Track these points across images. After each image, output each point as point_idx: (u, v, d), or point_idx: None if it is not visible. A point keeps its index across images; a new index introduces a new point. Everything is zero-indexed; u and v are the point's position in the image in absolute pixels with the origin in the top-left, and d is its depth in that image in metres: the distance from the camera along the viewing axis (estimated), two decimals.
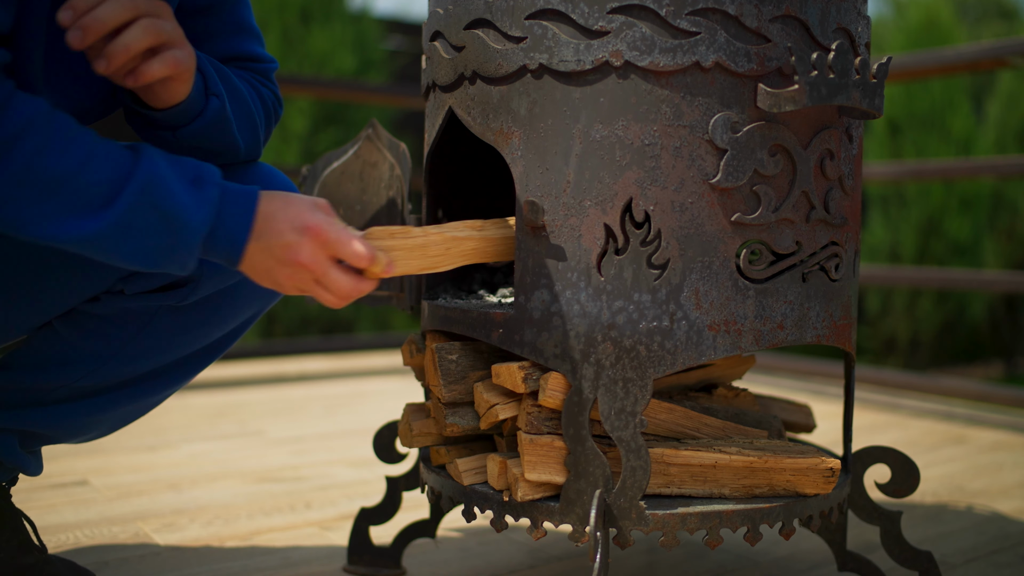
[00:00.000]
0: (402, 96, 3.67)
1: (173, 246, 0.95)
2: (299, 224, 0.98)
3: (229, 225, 0.97)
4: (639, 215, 1.05)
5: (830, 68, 1.03)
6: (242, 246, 0.97)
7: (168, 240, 0.94)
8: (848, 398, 1.29)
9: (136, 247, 0.94)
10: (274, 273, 0.99)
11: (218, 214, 0.96)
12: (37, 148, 0.89)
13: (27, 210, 0.90)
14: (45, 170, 0.89)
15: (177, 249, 0.95)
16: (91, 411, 1.20)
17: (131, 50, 0.93)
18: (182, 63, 0.98)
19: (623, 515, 1.07)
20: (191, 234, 0.95)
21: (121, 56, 0.93)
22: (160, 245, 0.95)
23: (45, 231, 0.91)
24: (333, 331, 5.33)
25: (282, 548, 1.51)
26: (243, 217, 0.98)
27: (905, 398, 3.03)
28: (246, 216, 0.98)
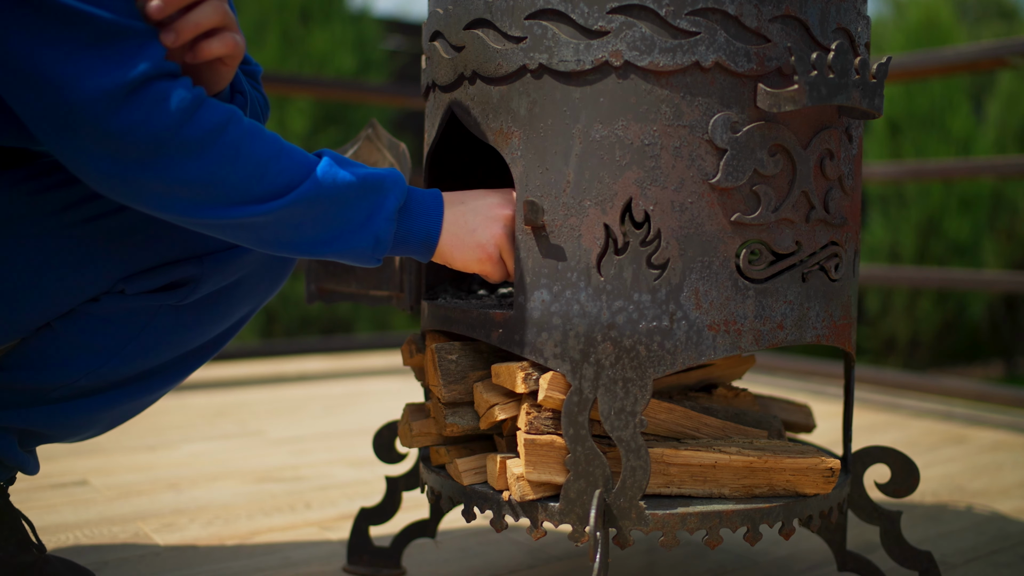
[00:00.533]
0: (402, 96, 3.67)
1: (369, 213, 1.03)
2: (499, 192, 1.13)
3: (421, 197, 1.07)
4: (639, 215, 1.05)
5: (830, 68, 1.03)
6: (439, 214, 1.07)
7: (364, 207, 1.02)
8: (848, 398, 1.29)
9: (332, 218, 1.01)
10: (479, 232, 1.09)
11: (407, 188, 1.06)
12: (242, 135, 0.98)
13: (232, 192, 0.98)
14: (250, 155, 0.98)
15: (373, 216, 1.03)
16: (91, 409, 1.20)
17: (201, 27, 0.99)
18: (238, 45, 1.04)
19: (623, 515, 1.07)
20: (386, 196, 1.03)
21: (191, 31, 0.99)
22: (356, 214, 1.02)
23: (245, 211, 0.98)
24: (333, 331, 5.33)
25: (282, 548, 1.51)
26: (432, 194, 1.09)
27: (905, 398, 3.03)
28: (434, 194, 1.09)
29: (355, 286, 1.37)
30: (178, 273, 1.15)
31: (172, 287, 1.16)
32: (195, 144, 0.95)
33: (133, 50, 0.92)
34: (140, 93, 0.92)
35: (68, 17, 0.90)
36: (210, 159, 0.96)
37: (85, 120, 0.91)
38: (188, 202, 0.97)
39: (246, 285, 1.22)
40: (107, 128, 0.92)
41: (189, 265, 1.15)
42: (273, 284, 1.26)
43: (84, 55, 0.90)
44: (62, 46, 0.90)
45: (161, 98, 0.93)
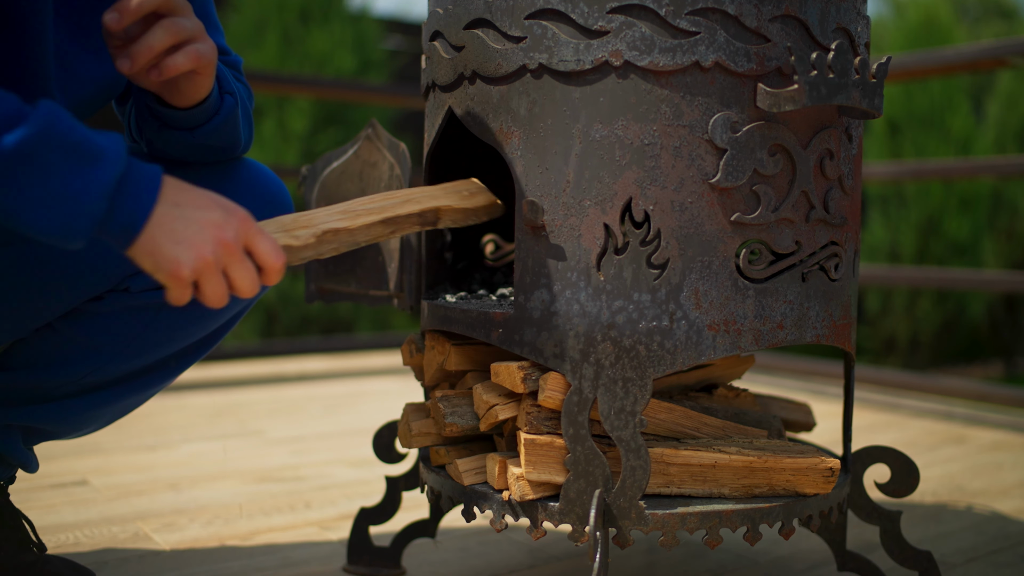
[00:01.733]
0: (402, 96, 3.67)
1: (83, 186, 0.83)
2: (227, 205, 0.92)
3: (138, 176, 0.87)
4: (639, 215, 1.05)
5: (830, 68, 1.03)
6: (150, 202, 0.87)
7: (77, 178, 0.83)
8: (848, 398, 1.29)
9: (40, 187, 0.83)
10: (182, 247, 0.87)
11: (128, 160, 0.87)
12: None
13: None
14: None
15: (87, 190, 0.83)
16: (94, 405, 1.21)
17: (154, 50, 0.97)
18: (204, 56, 1.01)
19: (623, 515, 1.07)
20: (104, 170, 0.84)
21: (145, 55, 0.96)
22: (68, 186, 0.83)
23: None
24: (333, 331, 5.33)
25: (282, 548, 1.51)
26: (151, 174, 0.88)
27: (905, 398, 3.03)
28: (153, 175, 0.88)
29: (355, 286, 1.37)
30: None
31: None
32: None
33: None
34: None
35: None
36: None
37: None
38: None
39: None
40: None
41: None
42: None
43: None
44: None
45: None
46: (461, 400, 1.20)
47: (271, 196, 1.24)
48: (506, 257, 1.44)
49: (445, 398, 1.20)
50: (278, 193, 1.25)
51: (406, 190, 1.16)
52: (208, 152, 1.18)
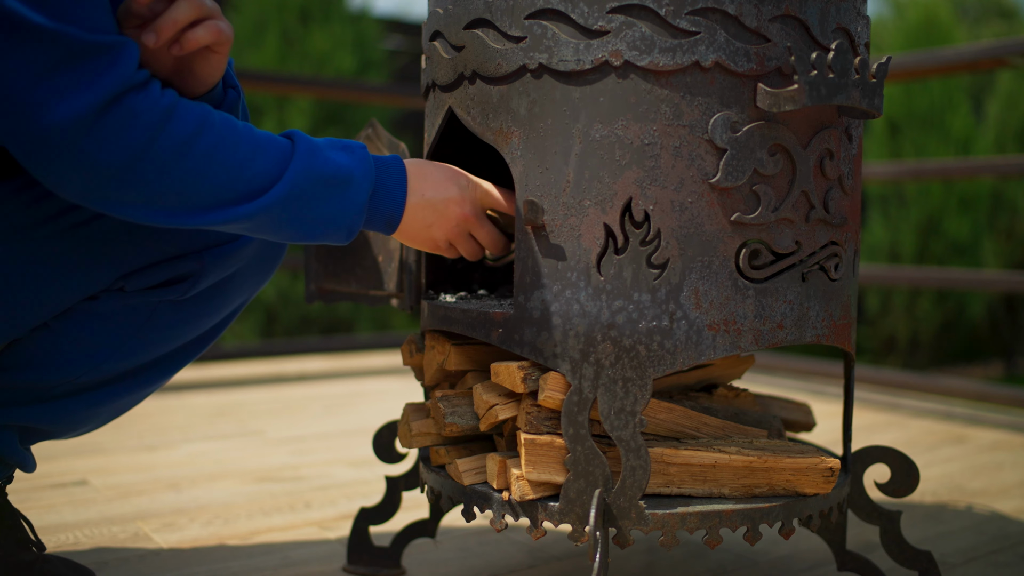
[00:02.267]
0: (402, 96, 3.67)
1: (343, 207, 1.04)
2: (460, 180, 1.12)
3: (387, 183, 1.07)
4: (639, 215, 1.05)
5: (830, 68, 1.03)
6: (403, 201, 1.08)
7: (337, 202, 1.04)
8: (848, 398, 1.29)
9: (309, 215, 1.03)
10: (433, 228, 1.11)
11: (376, 172, 1.07)
12: (215, 142, 0.98)
13: (210, 199, 0.98)
14: (225, 162, 0.98)
15: (346, 210, 1.04)
16: (91, 404, 1.21)
17: (179, 23, 1.00)
18: (223, 32, 1.04)
19: (623, 515, 1.07)
20: (356, 191, 1.05)
21: (170, 29, 1.00)
22: (330, 210, 1.04)
23: (227, 215, 1.00)
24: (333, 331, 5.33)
25: (282, 548, 1.51)
26: (398, 175, 1.09)
27: (905, 398, 3.03)
28: (399, 174, 1.09)
29: (355, 286, 1.37)
30: (178, 269, 1.16)
31: (172, 282, 1.17)
32: (168, 157, 0.95)
33: (103, 68, 0.91)
34: (111, 112, 0.92)
35: (36, 36, 0.89)
36: (184, 170, 0.96)
37: (57, 145, 0.91)
38: (166, 211, 0.98)
39: (241, 276, 1.24)
40: (79, 151, 0.92)
41: (189, 260, 1.16)
42: (265, 274, 1.29)
43: (53, 78, 0.90)
44: (29, 68, 0.89)
45: (131, 115, 0.93)
46: (461, 400, 1.20)
47: None
48: (506, 257, 1.44)
49: (445, 398, 1.20)
50: None
51: None
52: None
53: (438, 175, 1.11)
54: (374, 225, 1.09)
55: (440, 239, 1.13)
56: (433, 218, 1.11)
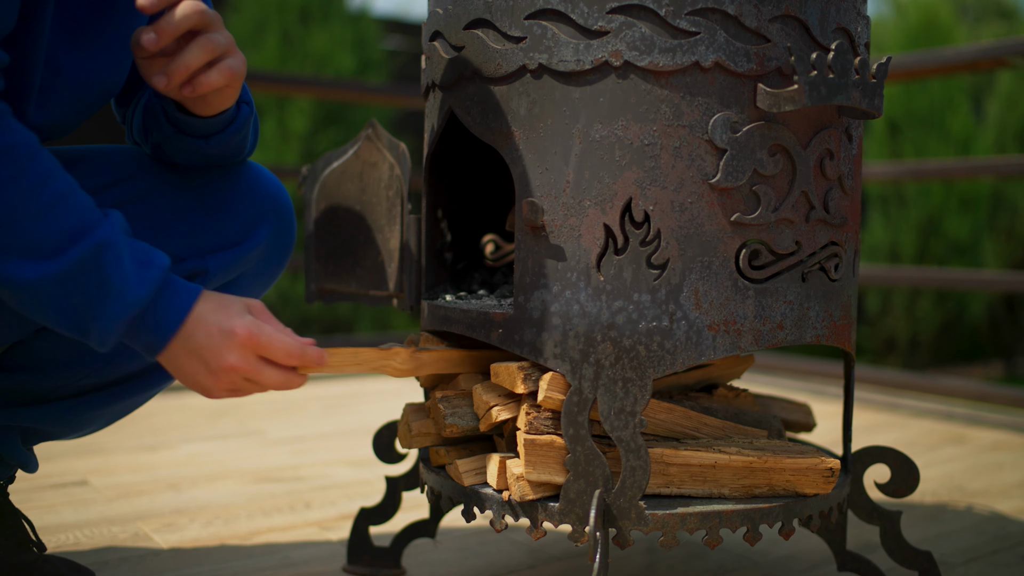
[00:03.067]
0: (402, 96, 3.67)
1: (101, 313, 0.93)
2: (227, 327, 0.97)
3: (160, 314, 0.96)
4: (639, 215, 1.05)
5: (830, 68, 1.03)
6: (168, 338, 0.96)
7: (98, 306, 0.93)
8: (848, 398, 1.29)
9: (66, 304, 0.93)
10: (200, 378, 0.98)
11: (154, 299, 0.96)
12: (8, 178, 0.89)
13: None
14: (8, 201, 0.89)
15: (103, 317, 0.93)
16: (94, 406, 1.21)
17: (191, 69, 0.99)
18: (236, 71, 1.03)
19: (623, 515, 1.07)
20: (122, 307, 0.94)
21: (182, 74, 0.99)
22: (89, 308, 0.93)
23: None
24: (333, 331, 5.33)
25: (282, 548, 1.51)
26: (177, 311, 0.97)
27: (905, 398, 3.03)
28: (180, 311, 0.97)
29: (355, 286, 1.37)
30: (183, 270, 1.16)
31: None
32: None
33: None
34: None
35: None
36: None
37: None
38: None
39: (245, 280, 1.24)
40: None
41: (194, 263, 1.16)
42: (269, 278, 1.29)
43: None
44: None
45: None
46: (461, 400, 1.20)
47: (271, 198, 1.24)
48: (506, 257, 1.44)
49: (445, 398, 1.20)
50: (278, 195, 1.25)
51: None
52: (215, 159, 1.19)
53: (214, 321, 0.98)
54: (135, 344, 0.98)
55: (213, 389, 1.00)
56: (198, 368, 0.98)
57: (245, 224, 1.20)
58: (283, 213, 1.25)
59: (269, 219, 1.23)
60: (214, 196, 1.20)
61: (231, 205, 1.20)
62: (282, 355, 0.99)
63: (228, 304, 1.00)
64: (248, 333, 0.98)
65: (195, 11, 0.98)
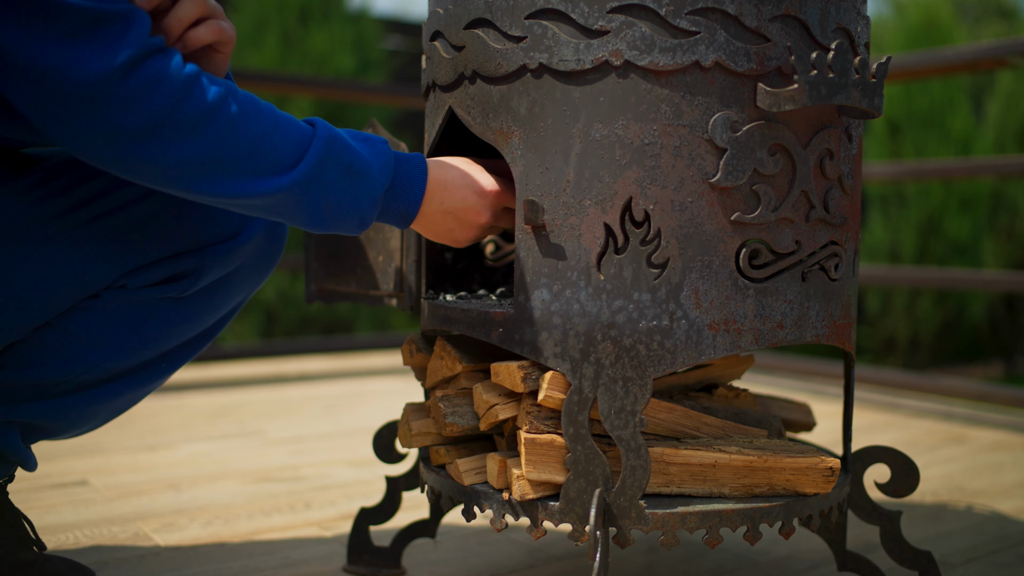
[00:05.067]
0: (402, 96, 3.67)
1: (357, 197, 1.04)
2: (477, 188, 1.12)
3: (405, 179, 1.08)
4: (639, 214, 1.05)
5: (830, 68, 1.03)
6: (419, 200, 1.09)
7: (352, 192, 1.04)
8: (848, 398, 1.29)
9: (325, 201, 1.03)
10: (455, 232, 1.13)
11: (395, 167, 1.07)
12: (237, 114, 0.98)
13: (232, 169, 0.99)
14: (247, 132, 0.99)
15: (361, 200, 1.05)
16: (93, 401, 1.21)
17: (184, 21, 1.03)
18: (226, 31, 1.06)
19: (623, 514, 1.07)
20: (373, 184, 1.05)
21: (176, 27, 1.02)
22: (345, 198, 1.04)
23: (247, 188, 1.00)
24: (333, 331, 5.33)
25: (282, 548, 1.51)
26: (417, 171, 1.09)
27: (905, 398, 3.03)
28: (420, 171, 1.09)
29: (355, 286, 1.37)
30: (180, 266, 1.17)
31: (173, 279, 1.18)
32: (191, 123, 0.96)
33: (117, 34, 0.93)
34: (132, 76, 0.93)
35: (50, 9, 0.90)
36: (206, 138, 0.97)
37: (81, 107, 0.92)
38: (188, 178, 0.99)
39: (241, 273, 1.25)
40: (102, 115, 0.93)
41: (190, 257, 1.17)
42: (264, 271, 1.30)
43: (71, 45, 0.91)
44: (49, 38, 0.91)
45: (154, 79, 0.94)
46: (461, 400, 1.20)
47: None
48: (506, 257, 1.44)
49: (445, 398, 1.20)
50: None
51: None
52: None
53: (459, 182, 1.12)
54: (388, 219, 1.10)
55: (463, 240, 1.16)
56: (454, 224, 1.13)
57: (239, 218, 1.21)
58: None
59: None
60: None
61: None
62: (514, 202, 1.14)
63: (457, 163, 1.13)
64: (495, 191, 1.13)
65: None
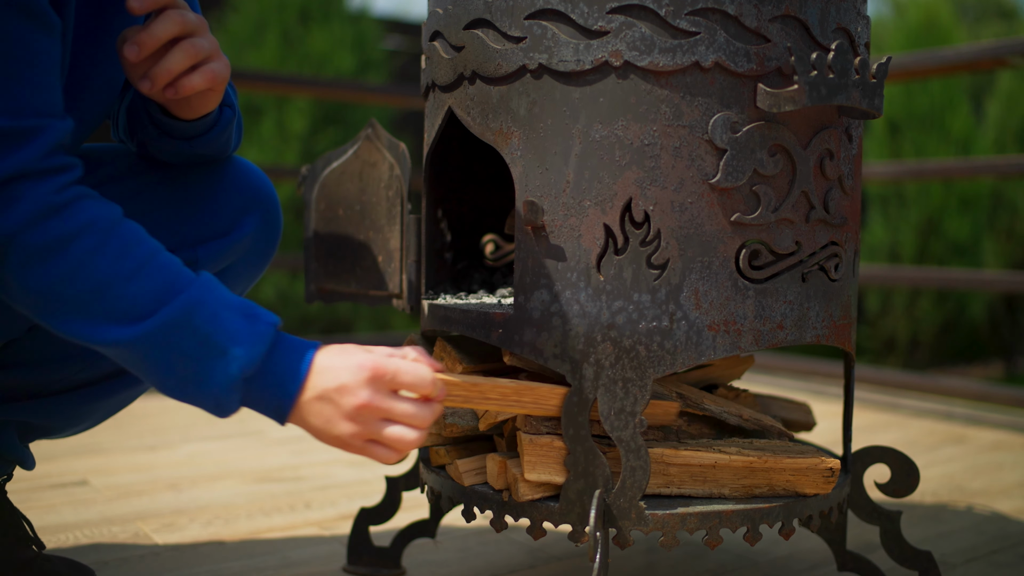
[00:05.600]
0: (402, 96, 3.67)
1: (210, 375, 0.91)
2: (353, 363, 0.94)
3: (279, 369, 0.93)
4: (639, 215, 1.05)
5: (830, 68, 1.03)
6: (294, 394, 0.93)
7: (205, 368, 0.91)
8: (848, 398, 1.29)
9: (175, 369, 0.92)
10: (334, 425, 0.94)
11: (268, 354, 0.93)
12: (92, 248, 0.91)
13: (70, 309, 0.92)
14: (96, 271, 0.91)
15: (213, 379, 0.92)
16: (88, 400, 1.22)
17: (173, 72, 1.01)
18: (219, 75, 1.04)
19: (623, 515, 1.07)
20: (229, 364, 0.91)
21: (164, 78, 1.01)
22: (194, 371, 0.92)
23: (83, 332, 0.92)
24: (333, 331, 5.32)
25: (282, 548, 1.51)
26: (296, 363, 0.94)
27: (905, 398, 3.02)
28: (299, 362, 0.94)
29: (355, 286, 1.37)
30: None
31: None
32: (34, 252, 0.90)
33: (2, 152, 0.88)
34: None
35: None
36: (49, 273, 0.90)
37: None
38: (33, 308, 0.93)
39: (235, 270, 1.25)
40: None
41: (183, 253, 1.17)
42: (259, 268, 1.29)
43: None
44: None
45: (11, 200, 0.88)
46: None
47: (256, 189, 1.25)
48: (506, 257, 1.44)
49: None
50: (263, 186, 1.27)
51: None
52: (199, 159, 1.21)
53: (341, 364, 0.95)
54: (260, 410, 0.95)
55: (348, 438, 0.95)
56: (332, 414, 0.94)
57: (232, 215, 1.22)
58: (269, 204, 1.26)
59: (255, 209, 1.24)
60: (201, 189, 1.21)
61: (218, 197, 1.22)
62: (414, 380, 0.95)
63: (350, 349, 0.97)
64: (375, 362, 0.94)
65: (175, 21, 0.99)
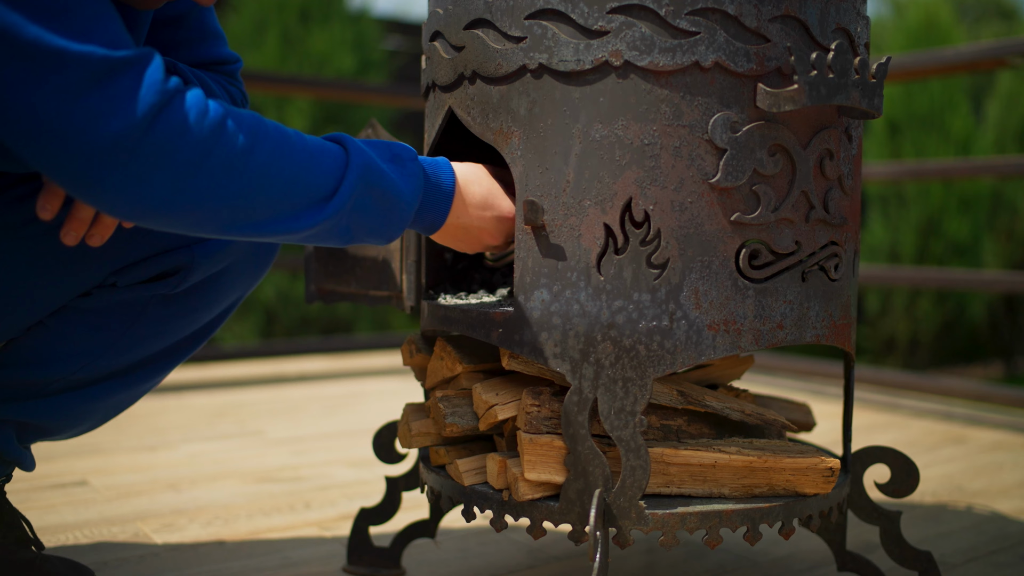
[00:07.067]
0: (402, 96, 3.67)
1: (390, 222, 1.05)
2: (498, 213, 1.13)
3: (434, 199, 1.10)
4: (639, 215, 1.05)
5: (829, 68, 1.03)
6: (444, 216, 1.11)
7: (385, 217, 1.04)
8: (848, 398, 1.29)
9: (358, 226, 1.03)
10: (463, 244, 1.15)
11: (424, 190, 1.08)
12: (269, 155, 0.94)
13: (268, 211, 0.95)
14: (280, 175, 0.95)
15: (392, 224, 1.05)
16: (86, 400, 1.22)
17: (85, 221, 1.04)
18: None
19: (623, 515, 1.07)
20: (405, 209, 1.05)
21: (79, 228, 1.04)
22: (379, 223, 1.04)
23: (284, 227, 0.97)
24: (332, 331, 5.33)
25: (282, 548, 1.51)
26: (446, 190, 1.10)
27: (905, 398, 3.03)
28: (447, 190, 1.10)
29: (355, 286, 1.37)
30: (168, 262, 1.17)
31: (163, 276, 1.19)
32: (222, 174, 0.90)
33: (134, 81, 0.85)
34: (154, 130, 0.85)
35: (60, 60, 0.82)
36: (239, 186, 0.91)
37: (101, 171, 0.85)
38: (221, 225, 0.94)
39: (233, 272, 1.24)
40: (126, 174, 0.86)
41: (179, 254, 1.17)
42: (259, 271, 1.29)
43: (86, 101, 0.83)
44: (60, 94, 0.82)
45: (179, 129, 0.87)
46: (461, 400, 1.20)
47: None
48: (506, 257, 1.44)
49: (445, 398, 1.20)
50: None
51: None
52: None
53: (483, 203, 1.12)
54: (417, 228, 1.12)
55: (467, 250, 1.18)
56: (466, 237, 1.14)
57: None
58: None
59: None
60: None
61: None
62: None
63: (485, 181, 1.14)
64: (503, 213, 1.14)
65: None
